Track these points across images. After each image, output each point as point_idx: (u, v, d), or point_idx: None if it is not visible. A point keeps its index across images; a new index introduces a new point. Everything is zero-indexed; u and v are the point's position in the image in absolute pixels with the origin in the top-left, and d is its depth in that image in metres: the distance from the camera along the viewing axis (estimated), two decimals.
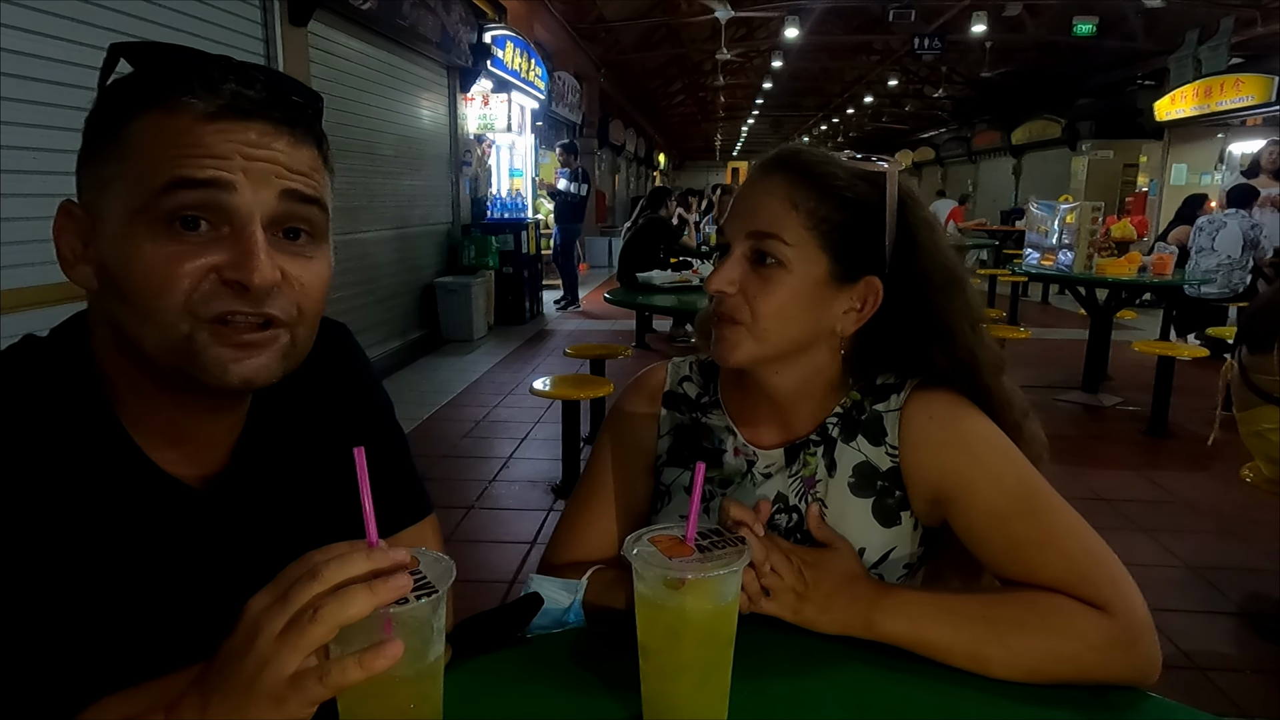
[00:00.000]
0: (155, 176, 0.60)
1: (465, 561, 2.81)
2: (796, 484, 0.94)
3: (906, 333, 0.92)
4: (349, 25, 5.44)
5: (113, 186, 0.62)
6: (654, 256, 6.34)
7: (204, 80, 0.62)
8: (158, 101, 0.62)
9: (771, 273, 0.88)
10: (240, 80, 0.63)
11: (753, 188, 0.91)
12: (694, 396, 1.03)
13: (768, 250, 0.87)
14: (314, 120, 0.68)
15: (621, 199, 17.94)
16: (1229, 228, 6.26)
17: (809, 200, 0.87)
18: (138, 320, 0.63)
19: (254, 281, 0.61)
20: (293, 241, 0.66)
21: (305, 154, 0.66)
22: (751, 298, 0.88)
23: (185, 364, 0.63)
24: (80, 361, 0.68)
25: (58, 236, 0.66)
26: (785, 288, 0.87)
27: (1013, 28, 12.16)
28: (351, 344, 0.88)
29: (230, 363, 0.63)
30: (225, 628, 0.52)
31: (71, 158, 0.67)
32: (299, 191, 0.65)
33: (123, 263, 0.62)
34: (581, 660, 0.81)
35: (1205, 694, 2.21)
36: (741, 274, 0.88)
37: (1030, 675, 0.76)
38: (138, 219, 0.61)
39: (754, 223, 0.88)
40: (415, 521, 0.86)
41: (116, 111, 0.63)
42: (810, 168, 0.89)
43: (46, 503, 0.63)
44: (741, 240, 0.89)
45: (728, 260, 0.90)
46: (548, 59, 10.17)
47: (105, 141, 0.63)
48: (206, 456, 0.73)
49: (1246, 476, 2.59)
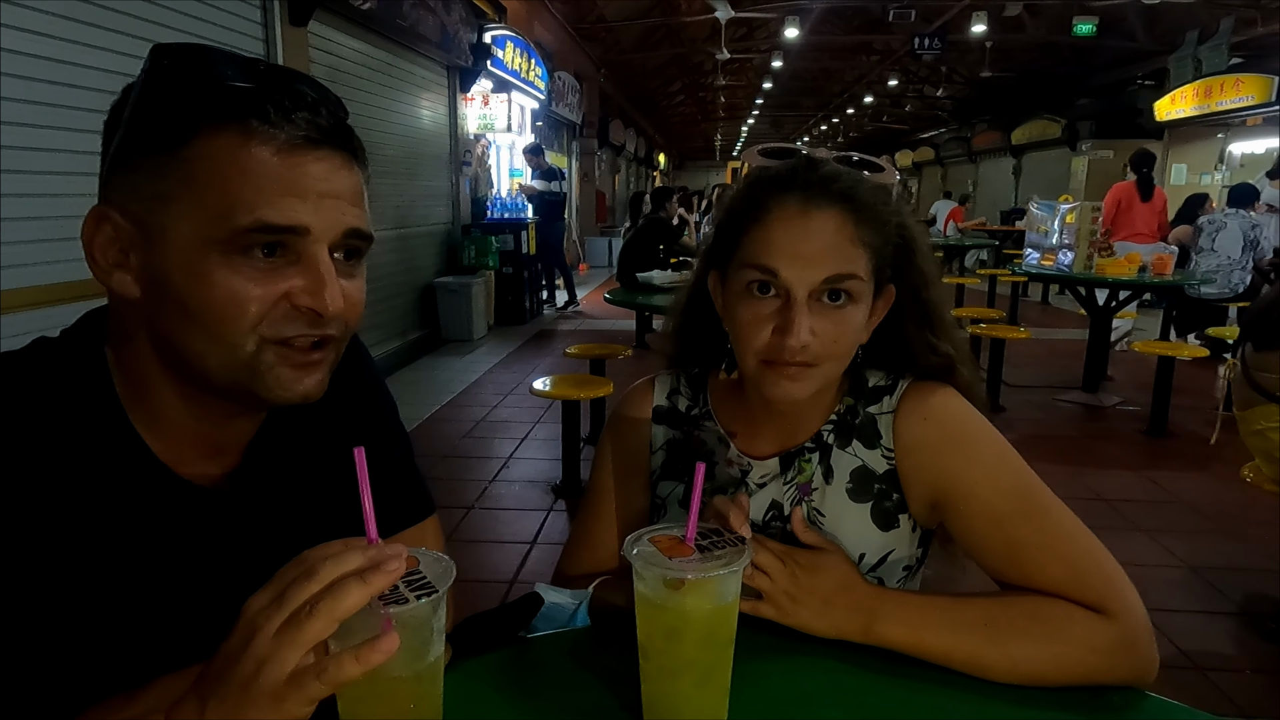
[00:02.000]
0: (236, 214, 0.62)
1: (465, 561, 2.81)
2: (791, 491, 0.94)
3: (907, 331, 0.93)
4: (349, 25, 5.45)
5: (177, 207, 0.62)
6: (654, 256, 6.34)
7: (278, 107, 0.63)
8: (229, 123, 0.62)
9: (845, 311, 0.85)
10: (308, 108, 0.64)
11: (810, 226, 0.83)
12: (684, 410, 1.03)
13: (845, 289, 0.84)
14: (360, 143, 0.70)
15: (621, 199, 17.93)
16: (1229, 228, 6.26)
17: (869, 234, 0.85)
18: (201, 338, 0.64)
19: (328, 310, 0.65)
20: (345, 262, 0.69)
21: (358, 179, 0.69)
22: (830, 340, 0.84)
23: (248, 382, 0.66)
24: (92, 363, 0.68)
25: (89, 243, 0.66)
26: (856, 321, 0.86)
27: (1013, 28, 12.16)
28: (359, 346, 0.89)
29: (292, 382, 0.67)
30: (232, 628, 0.52)
31: (71, 158, 0.67)
32: (359, 230, 0.68)
33: (191, 285, 0.63)
34: (581, 660, 0.81)
35: (1205, 694, 2.21)
36: (819, 320, 0.84)
37: (1031, 680, 0.76)
38: (211, 247, 0.62)
39: (830, 267, 0.83)
40: (417, 522, 0.87)
41: (175, 125, 0.62)
42: (866, 200, 0.86)
43: (56, 504, 0.63)
44: (816, 285, 0.83)
45: (798, 311, 0.82)
46: (548, 59, 10.17)
47: (162, 156, 0.63)
48: (219, 459, 0.74)
49: (1246, 476, 2.59)
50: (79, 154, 2.91)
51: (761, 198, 0.87)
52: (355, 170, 0.69)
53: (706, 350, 1.02)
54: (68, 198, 2.90)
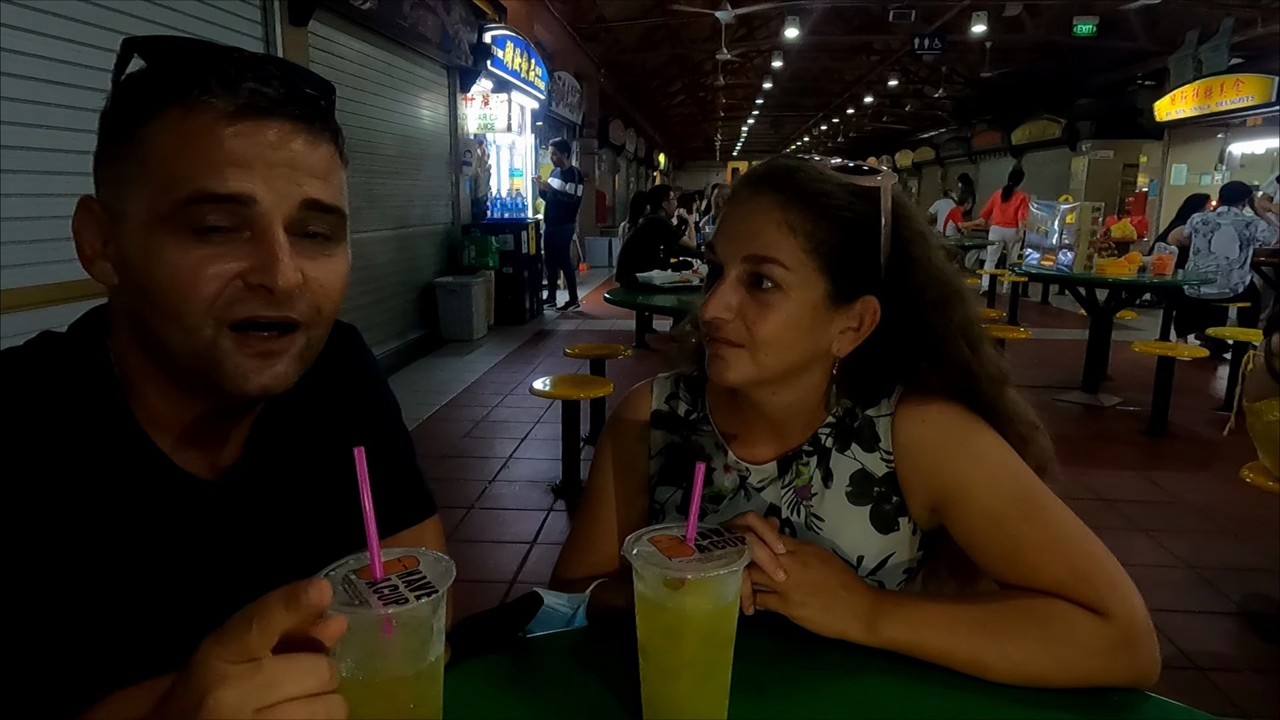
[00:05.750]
0: (177, 185, 0.61)
1: (465, 561, 2.81)
2: (789, 494, 0.94)
3: (900, 348, 0.91)
4: (349, 25, 5.45)
5: (133, 188, 0.63)
6: (654, 256, 6.33)
7: (221, 78, 0.62)
8: (175, 100, 0.62)
9: (769, 297, 0.85)
10: (258, 77, 0.63)
11: (744, 207, 0.87)
12: (682, 414, 1.02)
13: (765, 274, 0.84)
14: (329, 114, 0.68)
15: (621, 199, 17.94)
16: (1223, 229, 6.25)
17: (805, 223, 0.84)
18: (162, 321, 0.63)
19: (279, 285, 0.62)
20: (312, 241, 0.67)
21: (322, 152, 0.66)
22: (751, 322, 0.85)
23: (208, 369, 0.64)
24: (96, 357, 0.69)
25: (78, 232, 0.66)
26: (784, 312, 0.85)
27: (1013, 28, 12.17)
28: (361, 345, 0.89)
29: (251, 373, 0.65)
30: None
31: (71, 157, 0.68)
32: (319, 201, 0.65)
33: (146, 265, 0.62)
34: (581, 660, 0.81)
35: (1205, 694, 2.20)
36: (739, 299, 0.86)
37: (1031, 681, 0.76)
38: (160, 224, 0.61)
39: (750, 246, 0.85)
40: (417, 522, 0.87)
41: (133, 110, 0.63)
42: (805, 188, 0.85)
43: (60, 496, 0.63)
44: (737, 263, 0.86)
45: (723, 284, 0.86)
46: (548, 59, 10.17)
47: (123, 140, 0.63)
48: (219, 452, 0.74)
49: (1247, 477, 2.58)
50: (79, 154, 2.89)
51: (732, 192, 0.92)
52: (319, 142, 0.66)
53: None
54: (68, 198, 2.85)
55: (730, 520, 0.78)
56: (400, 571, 0.57)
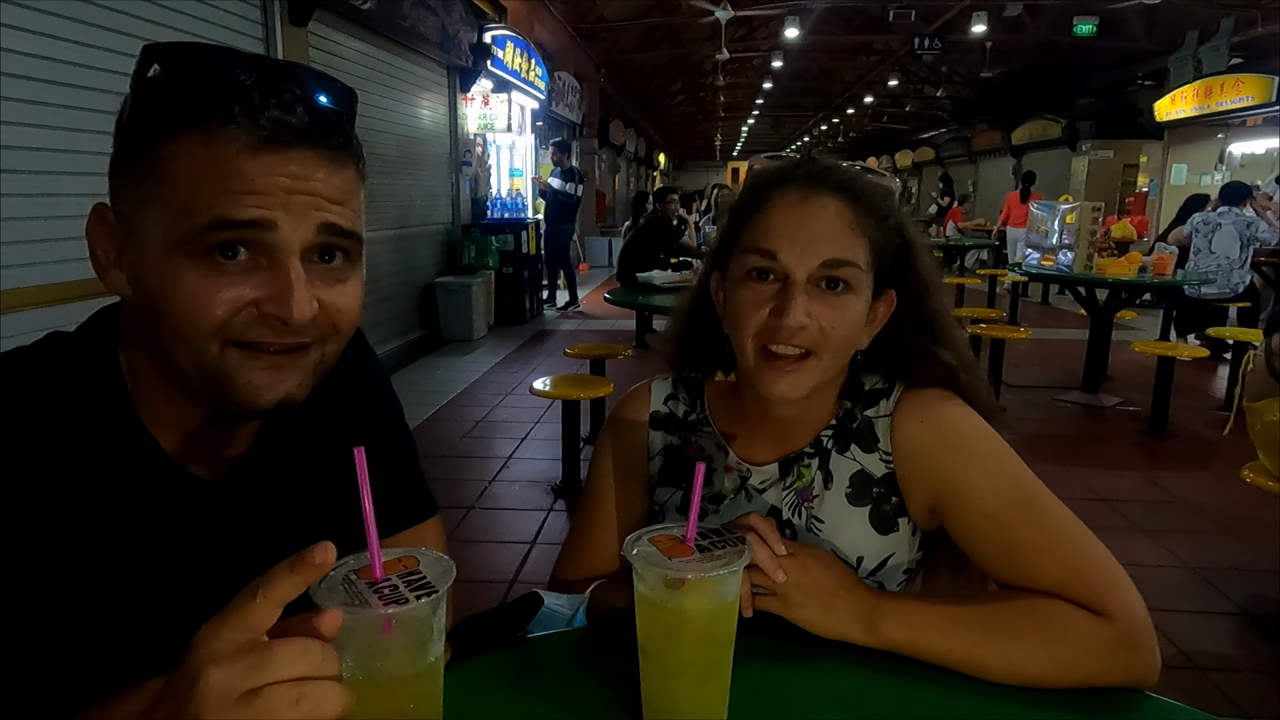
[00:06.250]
0: (196, 212, 0.60)
1: (465, 561, 2.81)
2: (790, 496, 0.94)
3: (906, 338, 0.93)
4: (349, 25, 5.45)
5: (150, 207, 0.62)
6: (654, 256, 6.33)
7: (246, 105, 0.61)
8: (197, 124, 0.61)
9: (843, 299, 0.86)
10: (281, 104, 0.62)
11: (809, 211, 0.86)
12: (681, 415, 1.03)
13: (843, 277, 0.85)
14: (351, 134, 0.68)
15: (621, 199, 17.93)
16: (1224, 229, 6.26)
17: (869, 226, 0.87)
18: (171, 339, 0.63)
19: (293, 318, 0.62)
20: (328, 265, 0.66)
21: (343, 176, 0.66)
22: (826, 326, 0.84)
23: (220, 385, 0.64)
24: (104, 359, 0.69)
25: (91, 239, 0.66)
26: (854, 313, 0.87)
27: (1013, 28, 12.16)
28: (364, 345, 0.89)
29: (263, 388, 0.65)
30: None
31: (72, 158, 0.67)
32: (337, 225, 0.65)
33: (161, 287, 0.62)
34: (581, 660, 0.81)
35: (1205, 694, 2.21)
36: (817, 305, 0.85)
37: (1030, 681, 0.76)
38: (177, 248, 0.61)
39: (829, 250, 0.84)
40: (417, 522, 0.87)
41: (152, 125, 0.62)
42: (865, 189, 0.88)
43: (62, 496, 0.64)
44: (812, 268, 0.84)
45: (795, 291, 0.84)
46: (548, 59, 10.17)
47: (141, 155, 0.63)
48: (225, 454, 0.74)
49: (1247, 477, 2.58)
50: (79, 154, 2.90)
51: (763, 190, 0.89)
52: (341, 167, 0.65)
53: (707, 354, 1.02)
54: (68, 198, 2.89)
55: (733, 521, 0.78)
56: (400, 571, 0.57)
